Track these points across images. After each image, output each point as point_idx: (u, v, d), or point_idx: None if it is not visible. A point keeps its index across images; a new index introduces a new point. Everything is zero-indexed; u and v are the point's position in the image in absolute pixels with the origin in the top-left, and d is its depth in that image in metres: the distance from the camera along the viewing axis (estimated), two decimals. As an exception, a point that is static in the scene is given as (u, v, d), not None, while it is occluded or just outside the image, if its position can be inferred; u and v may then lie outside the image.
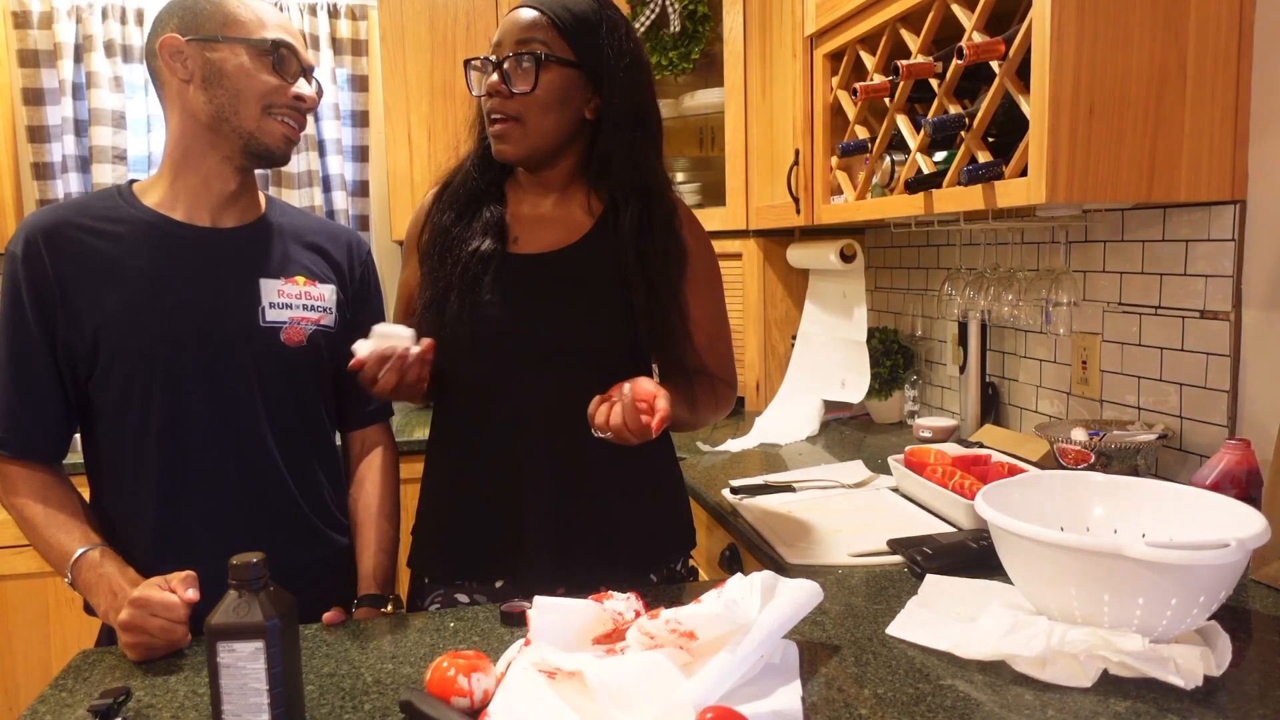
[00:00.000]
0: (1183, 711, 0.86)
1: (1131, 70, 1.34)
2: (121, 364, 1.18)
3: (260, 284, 1.25)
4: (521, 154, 1.26)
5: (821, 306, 2.52)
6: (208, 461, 1.22)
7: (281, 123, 1.23)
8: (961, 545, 1.27)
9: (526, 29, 1.23)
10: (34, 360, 1.19)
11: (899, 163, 1.76)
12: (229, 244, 1.26)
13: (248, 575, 0.83)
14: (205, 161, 1.24)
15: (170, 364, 1.19)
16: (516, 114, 1.24)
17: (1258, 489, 1.26)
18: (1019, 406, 2.01)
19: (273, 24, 1.23)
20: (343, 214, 3.00)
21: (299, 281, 1.29)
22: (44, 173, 2.84)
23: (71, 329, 1.18)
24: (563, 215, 1.32)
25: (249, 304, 1.24)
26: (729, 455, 2.12)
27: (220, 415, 1.22)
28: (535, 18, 1.23)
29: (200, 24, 1.21)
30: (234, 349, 1.22)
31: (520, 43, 1.22)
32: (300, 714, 0.88)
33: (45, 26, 2.80)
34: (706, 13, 2.70)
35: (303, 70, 1.25)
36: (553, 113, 1.25)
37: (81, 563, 1.14)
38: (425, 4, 2.81)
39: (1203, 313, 1.50)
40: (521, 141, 1.25)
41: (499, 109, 1.24)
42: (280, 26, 1.24)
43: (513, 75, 1.23)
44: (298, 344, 1.26)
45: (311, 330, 1.28)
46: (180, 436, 1.20)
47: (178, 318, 1.20)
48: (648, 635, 0.92)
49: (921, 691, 0.92)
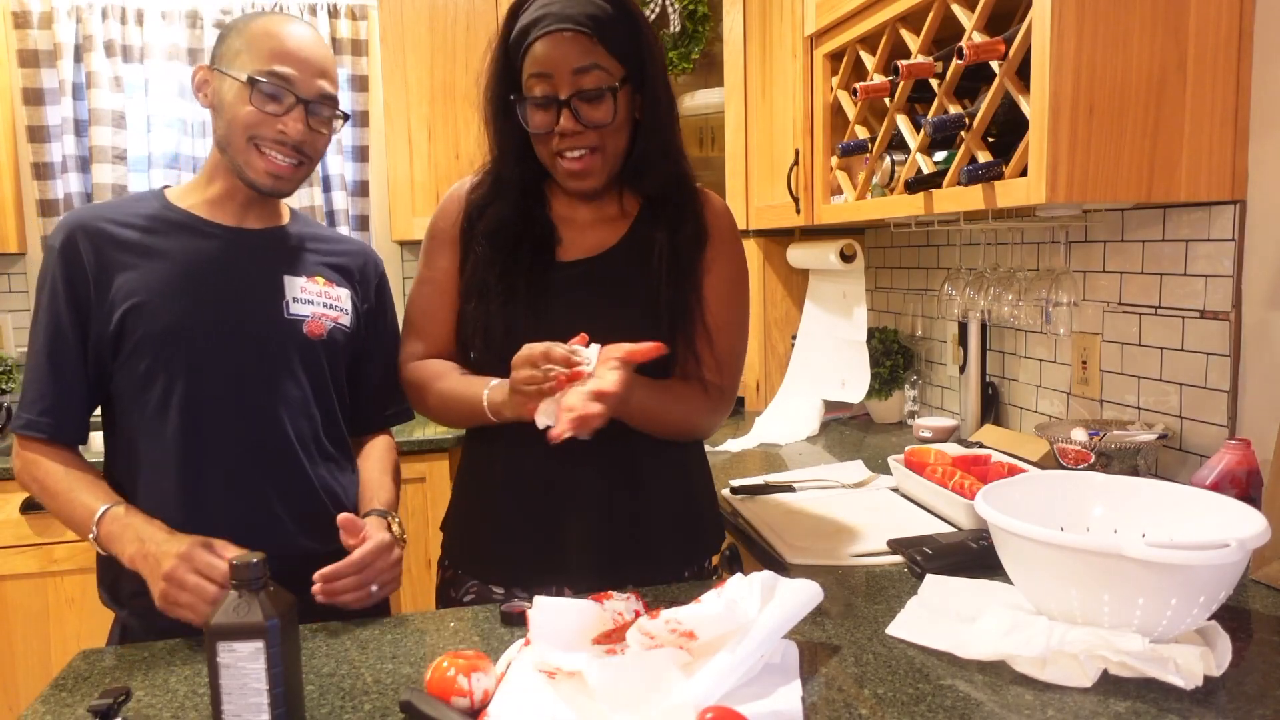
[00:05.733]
0: (1183, 711, 0.86)
1: (1131, 70, 1.34)
2: (148, 344, 1.22)
3: (284, 280, 1.31)
4: (603, 182, 1.26)
5: (821, 306, 2.52)
6: (228, 443, 1.25)
7: (265, 156, 1.24)
8: (961, 545, 1.27)
9: (581, 56, 1.18)
10: (67, 350, 1.23)
11: (899, 163, 1.76)
12: (254, 242, 1.31)
13: (248, 575, 0.83)
14: (230, 176, 1.29)
15: (196, 347, 1.23)
16: (597, 145, 1.22)
17: (1258, 489, 1.26)
18: (1019, 406, 2.01)
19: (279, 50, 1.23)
20: (343, 214, 3.00)
21: (319, 281, 1.34)
22: (44, 173, 2.84)
23: (102, 317, 1.22)
24: (600, 215, 1.32)
25: (275, 296, 1.29)
26: (729, 455, 2.12)
27: (242, 399, 1.25)
28: (585, 42, 1.18)
29: (221, 53, 1.26)
30: (261, 336, 1.27)
31: (579, 72, 1.18)
32: (300, 714, 0.88)
33: (45, 26, 2.80)
34: (706, 13, 2.70)
35: (302, 102, 1.24)
36: (625, 131, 1.24)
37: (106, 517, 1.18)
38: (425, 4, 2.81)
39: (1203, 313, 1.50)
40: (603, 171, 1.24)
41: (576, 144, 1.21)
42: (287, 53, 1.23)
43: (582, 109, 1.20)
44: (319, 337, 1.31)
45: (331, 326, 1.33)
46: (200, 418, 1.24)
47: (207, 303, 1.24)
48: (648, 635, 0.92)
49: (921, 691, 0.92)
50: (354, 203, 3.06)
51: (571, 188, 1.27)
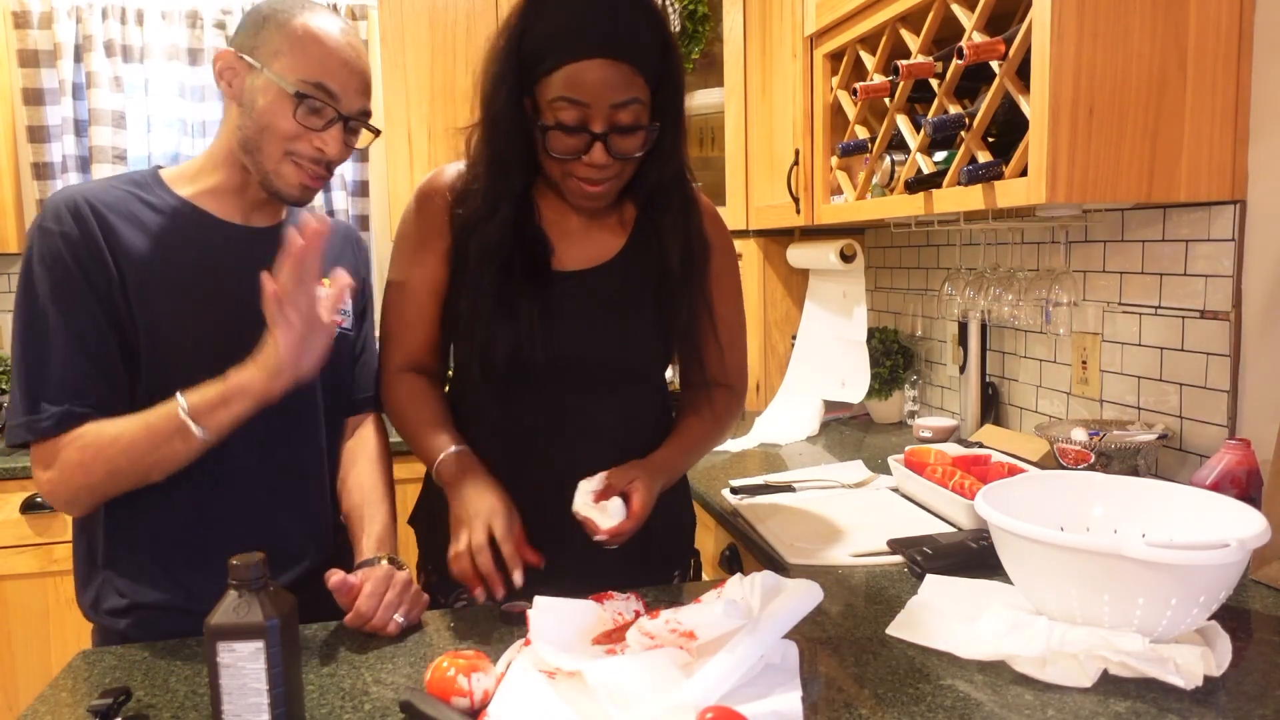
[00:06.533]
0: (1183, 711, 0.86)
1: (1131, 70, 1.34)
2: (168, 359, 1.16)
3: None
4: (612, 200, 1.23)
5: (821, 306, 2.52)
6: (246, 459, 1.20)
7: (301, 169, 1.18)
8: (961, 545, 1.27)
9: (622, 89, 1.11)
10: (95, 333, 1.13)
11: (899, 163, 1.76)
12: (265, 244, 1.21)
13: (248, 575, 0.83)
14: (245, 171, 1.21)
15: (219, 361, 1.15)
16: (619, 173, 1.18)
17: (1258, 489, 1.26)
18: (1019, 406, 2.01)
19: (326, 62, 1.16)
20: (343, 214, 3.01)
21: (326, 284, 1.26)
22: (44, 173, 2.85)
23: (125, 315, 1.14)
24: (594, 222, 1.28)
25: None
26: (729, 455, 2.12)
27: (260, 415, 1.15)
28: (627, 73, 1.10)
29: (256, 44, 1.16)
30: None
31: (617, 106, 1.11)
32: (300, 714, 0.88)
33: (45, 26, 2.80)
34: (706, 13, 2.70)
35: (341, 118, 1.18)
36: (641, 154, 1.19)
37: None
38: (425, 4, 2.81)
39: (1203, 313, 1.50)
40: (616, 192, 1.22)
41: (603, 175, 1.16)
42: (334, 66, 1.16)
43: (614, 141, 1.14)
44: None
45: (339, 332, 1.27)
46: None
47: (228, 318, 1.17)
48: (648, 635, 0.92)
49: (921, 691, 0.92)
50: (354, 203, 3.06)
51: (579, 205, 1.23)
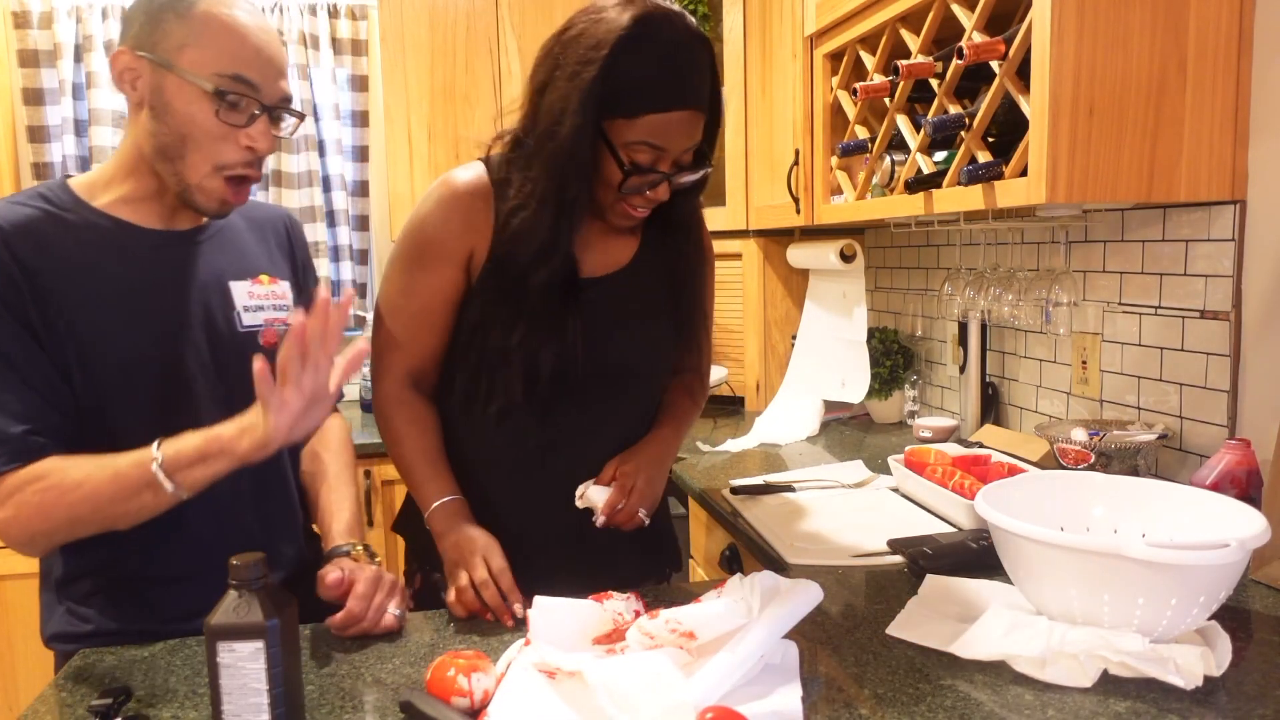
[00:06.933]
0: (1183, 711, 0.86)
1: (1131, 70, 1.34)
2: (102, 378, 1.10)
3: (230, 288, 1.20)
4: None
5: (821, 306, 2.51)
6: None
7: (227, 183, 1.12)
8: (961, 545, 1.27)
9: (694, 135, 1.17)
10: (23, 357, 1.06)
11: (899, 163, 1.76)
12: (190, 248, 1.18)
13: (248, 575, 0.83)
14: (157, 177, 1.14)
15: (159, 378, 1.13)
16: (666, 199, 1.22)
17: (1258, 489, 1.26)
18: (1019, 406, 2.01)
19: (240, 50, 1.08)
20: (343, 214, 3.01)
21: (264, 281, 1.24)
22: (44, 173, 2.84)
23: (50, 341, 1.07)
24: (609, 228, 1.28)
25: (225, 310, 1.19)
26: (729, 455, 2.12)
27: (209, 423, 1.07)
28: (699, 122, 1.17)
29: (157, 39, 1.07)
30: (220, 362, 1.17)
31: (686, 150, 1.18)
32: (300, 714, 0.88)
33: (45, 26, 2.80)
34: (706, 13, 2.70)
35: (265, 109, 1.11)
36: None
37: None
38: (425, 4, 2.81)
39: (1203, 313, 1.50)
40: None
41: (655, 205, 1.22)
42: (249, 54, 1.08)
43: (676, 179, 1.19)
44: (273, 346, 1.20)
45: (283, 330, 1.21)
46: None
47: (161, 329, 1.13)
48: (648, 635, 0.92)
49: (921, 691, 0.92)
50: (354, 203, 3.06)
51: (617, 224, 1.25)
